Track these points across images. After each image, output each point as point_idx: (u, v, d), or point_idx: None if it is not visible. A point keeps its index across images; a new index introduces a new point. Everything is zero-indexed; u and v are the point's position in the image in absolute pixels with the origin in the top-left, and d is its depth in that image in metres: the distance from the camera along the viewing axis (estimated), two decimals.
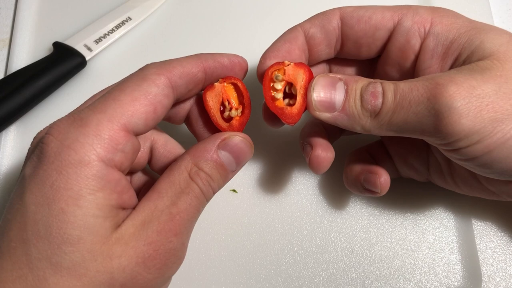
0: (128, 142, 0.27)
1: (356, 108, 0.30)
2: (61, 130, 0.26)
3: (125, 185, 0.27)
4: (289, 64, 0.32)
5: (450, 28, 0.31)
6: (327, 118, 0.31)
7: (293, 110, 0.32)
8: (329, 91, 0.31)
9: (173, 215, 0.27)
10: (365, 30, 0.33)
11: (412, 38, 0.32)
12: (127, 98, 0.27)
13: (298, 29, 0.34)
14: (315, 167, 0.33)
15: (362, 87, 0.30)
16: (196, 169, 0.29)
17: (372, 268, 0.39)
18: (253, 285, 0.39)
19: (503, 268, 0.38)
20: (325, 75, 0.32)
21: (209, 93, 0.33)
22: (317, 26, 0.34)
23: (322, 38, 0.34)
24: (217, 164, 0.29)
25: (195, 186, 0.28)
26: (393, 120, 0.29)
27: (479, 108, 0.27)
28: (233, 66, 0.33)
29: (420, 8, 0.33)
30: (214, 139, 0.30)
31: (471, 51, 0.30)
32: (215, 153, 0.29)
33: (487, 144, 0.27)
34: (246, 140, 0.31)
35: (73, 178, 0.25)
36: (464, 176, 0.34)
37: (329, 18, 0.34)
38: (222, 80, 0.33)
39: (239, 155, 0.31)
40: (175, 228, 0.27)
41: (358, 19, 0.33)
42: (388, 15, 0.33)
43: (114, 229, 0.26)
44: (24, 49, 0.48)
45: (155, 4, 0.50)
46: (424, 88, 0.28)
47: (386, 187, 0.35)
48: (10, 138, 0.45)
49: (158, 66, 0.29)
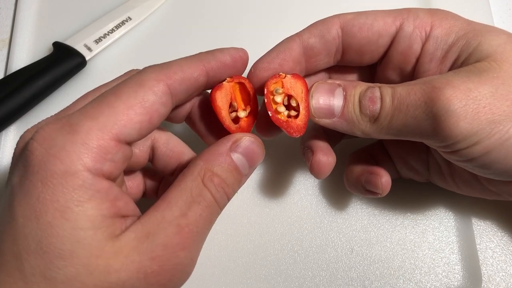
0: (118, 152, 0.25)
1: (355, 114, 0.30)
2: (47, 136, 0.24)
3: (117, 193, 0.26)
4: (285, 76, 0.32)
5: (449, 32, 0.31)
6: (327, 124, 0.31)
7: (298, 122, 0.32)
8: (328, 97, 0.31)
9: (181, 227, 0.26)
10: (369, 38, 0.33)
11: (414, 43, 0.32)
12: (122, 105, 0.25)
13: (296, 39, 0.33)
14: (317, 172, 0.33)
15: (360, 93, 0.30)
16: (210, 173, 0.27)
17: (372, 268, 0.39)
18: (253, 285, 0.39)
19: (503, 268, 0.38)
20: (324, 81, 0.32)
21: (219, 93, 0.31)
22: (316, 36, 0.33)
23: (321, 48, 0.33)
24: (232, 166, 0.28)
25: (208, 193, 0.27)
26: (392, 124, 0.29)
27: (476, 110, 0.27)
28: (235, 62, 0.31)
29: (420, 11, 0.33)
30: (226, 141, 0.29)
31: (469, 53, 0.30)
32: (228, 156, 0.28)
33: (485, 145, 0.27)
34: (257, 141, 0.30)
35: (59, 189, 0.23)
36: (465, 177, 0.34)
37: (328, 27, 0.33)
38: (230, 79, 0.32)
39: (252, 156, 0.30)
40: (183, 241, 0.26)
41: (360, 27, 0.33)
42: (390, 21, 0.32)
43: (110, 239, 0.24)
44: (24, 49, 0.48)
45: (155, 4, 0.50)
46: (421, 91, 0.28)
47: (387, 188, 0.34)
48: (10, 138, 0.45)
49: (157, 71, 0.27)
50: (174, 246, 0.25)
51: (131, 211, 0.27)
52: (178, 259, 0.25)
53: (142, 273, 0.25)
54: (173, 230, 0.25)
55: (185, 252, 0.26)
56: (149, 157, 0.34)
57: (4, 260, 0.24)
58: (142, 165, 0.34)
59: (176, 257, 0.25)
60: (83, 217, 0.24)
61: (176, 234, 0.25)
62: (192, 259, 0.27)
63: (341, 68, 0.37)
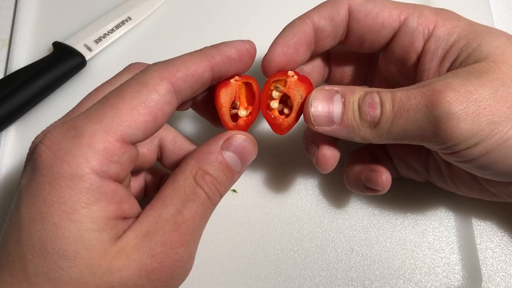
0: (124, 153, 0.26)
1: (355, 120, 0.30)
2: (54, 140, 0.25)
3: (123, 195, 0.26)
4: (293, 76, 0.32)
5: (451, 32, 0.31)
6: (326, 132, 0.31)
7: (284, 123, 0.32)
8: (327, 105, 0.31)
9: (178, 224, 0.26)
10: (371, 27, 0.33)
11: (416, 40, 0.32)
12: (126, 106, 0.25)
13: (307, 21, 0.33)
14: (323, 165, 0.33)
15: (359, 98, 0.30)
16: (202, 172, 0.28)
17: (372, 268, 0.39)
18: (253, 285, 0.39)
19: (503, 268, 0.38)
20: (322, 88, 0.32)
21: (224, 91, 0.31)
22: (326, 19, 0.33)
23: (331, 31, 0.33)
24: (223, 165, 0.29)
25: (201, 191, 0.28)
26: (392, 129, 0.29)
27: (476, 112, 0.27)
28: (242, 56, 0.31)
29: (426, 9, 0.33)
30: (217, 140, 0.29)
31: (468, 54, 0.30)
32: (219, 154, 0.29)
33: (485, 146, 0.27)
34: (249, 138, 0.31)
35: (66, 192, 0.24)
36: (464, 178, 0.34)
37: (338, 9, 0.33)
38: (239, 78, 0.32)
39: (243, 154, 0.30)
40: (181, 238, 0.26)
41: (365, 14, 0.33)
42: (395, 14, 0.32)
43: (113, 241, 0.25)
44: (24, 49, 0.48)
45: (155, 4, 0.50)
46: (421, 95, 0.28)
47: (388, 184, 0.35)
48: (10, 138, 0.45)
49: (160, 69, 0.27)
50: (173, 242, 0.26)
51: (134, 213, 0.27)
52: (177, 255, 0.26)
53: (144, 271, 0.25)
54: (170, 227, 0.26)
55: (183, 248, 0.26)
56: (157, 156, 0.34)
57: (9, 260, 0.24)
58: (151, 164, 0.34)
59: (175, 253, 0.26)
60: (89, 219, 0.24)
61: (174, 231, 0.26)
62: (191, 255, 0.27)
63: (341, 57, 0.37)
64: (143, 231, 0.26)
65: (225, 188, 0.29)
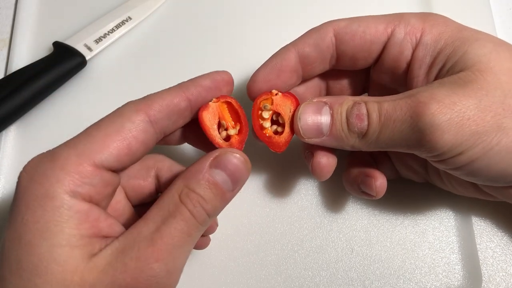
0: (96, 176, 0.27)
1: (343, 132, 0.31)
2: (32, 165, 0.27)
3: (98, 214, 0.27)
4: (277, 94, 0.33)
5: (438, 38, 0.32)
6: (316, 143, 0.32)
7: (281, 140, 0.34)
8: (315, 117, 0.32)
9: (154, 240, 0.26)
10: (361, 46, 0.33)
11: (405, 50, 0.33)
12: (100, 134, 0.27)
13: (291, 49, 0.34)
14: (318, 173, 0.34)
15: (347, 110, 0.31)
16: (187, 190, 0.27)
17: (372, 268, 0.39)
18: (253, 285, 0.39)
19: (503, 268, 0.38)
20: (310, 101, 0.32)
21: (206, 113, 0.32)
22: (311, 45, 0.34)
23: (316, 56, 0.34)
24: (210, 183, 0.28)
25: (184, 209, 0.27)
26: (380, 139, 0.30)
27: (460, 123, 0.27)
28: (217, 85, 0.32)
29: (412, 17, 0.33)
30: (206, 158, 0.29)
31: (454, 62, 0.30)
32: (206, 172, 0.28)
33: (469, 155, 0.28)
34: (240, 156, 0.29)
35: (39, 211, 0.25)
36: (460, 179, 0.34)
37: (322, 36, 0.34)
38: (216, 99, 0.32)
39: (233, 172, 0.29)
40: (156, 254, 0.26)
41: (352, 35, 0.33)
42: (382, 28, 0.33)
43: (87, 257, 0.25)
44: (24, 49, 0.48)
45: (155, 4, 0.50)
46: (407, 106, 0.28)
47: (382, 190, 0.35)
48: (10, 138, 0.45)
49: (137, 103, 0.29)
50: (148, 258, 0.26)
51: (115, 233, 0.28)
52: (151, 271, 0.26)
53: (117, 286, 0.25)
54: (146, 243, 0.26)
55: (159, 264, 0.26)
56: (156, 187, 0.35)
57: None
58: (152, 196, 0.35)
59: (149, 269, 0.26)
60: (60, 236, 0.25)
61: (149, 246, 0.26)
62: (169, 272, 0.26)
63: (336, 72, 0.37)
64: (120, 248, 0.26)
65: (214, 207, 0.28)
